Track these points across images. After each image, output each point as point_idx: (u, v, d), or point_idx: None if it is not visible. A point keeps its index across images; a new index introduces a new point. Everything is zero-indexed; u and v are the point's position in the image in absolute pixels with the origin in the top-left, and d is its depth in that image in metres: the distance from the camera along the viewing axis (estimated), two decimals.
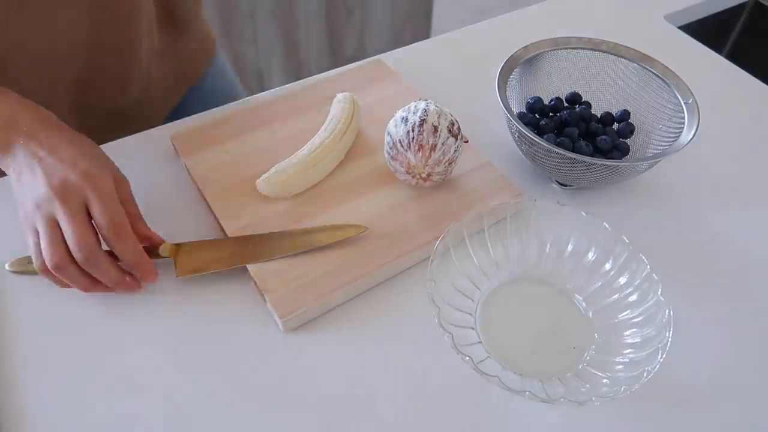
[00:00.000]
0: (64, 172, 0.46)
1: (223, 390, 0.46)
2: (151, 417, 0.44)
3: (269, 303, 0.49)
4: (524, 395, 0.41)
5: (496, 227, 0.53)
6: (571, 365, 0.47)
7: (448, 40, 0.80)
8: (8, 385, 0.46)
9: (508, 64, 0.60)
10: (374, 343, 0.49)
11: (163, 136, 0.63)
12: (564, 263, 0.52)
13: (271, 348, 0.48)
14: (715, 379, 0.47)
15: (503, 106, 0.56)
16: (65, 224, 0.45)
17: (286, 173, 0.55)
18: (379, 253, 0.52)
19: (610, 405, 0.45)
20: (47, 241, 0.45)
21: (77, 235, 0.45)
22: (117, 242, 0.47)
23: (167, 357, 0.47)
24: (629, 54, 0.62)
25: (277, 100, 0.66)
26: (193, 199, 0.58)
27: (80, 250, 0.45)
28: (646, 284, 0.48)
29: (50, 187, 0.45)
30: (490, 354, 0.47)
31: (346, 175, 0.58)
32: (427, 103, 0.55)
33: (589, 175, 0.55)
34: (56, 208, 0.45)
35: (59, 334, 0.49)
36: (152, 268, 0.49)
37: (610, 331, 0.48)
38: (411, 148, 0.53)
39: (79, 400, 0.45)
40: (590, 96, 0.65)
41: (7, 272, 0.52)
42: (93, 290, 0.48)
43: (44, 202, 0.46)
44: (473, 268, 0.52)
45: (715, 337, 0.50)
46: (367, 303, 0.51)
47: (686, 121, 0.56)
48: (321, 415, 0.45)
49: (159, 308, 0.50)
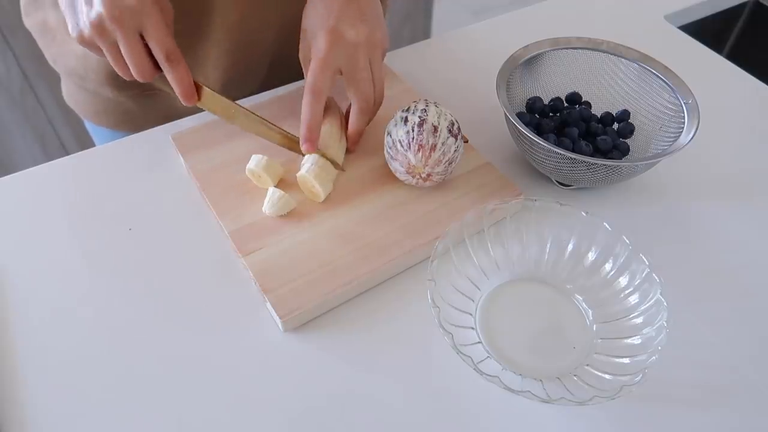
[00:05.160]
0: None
1: (223, 390, 0.46)
2: (150, 416, 0.44)
3: (269, 303, 0.49)
4: (524, 395, 0.41)
5: (496, 227, 0.53)
6: (571, 365, 0.47)
7: (448, 40, 0.80)
8: (8, 385, 0.46)
9: (508, 64, 0.60)
10: (374, 343, 0.49)
11: (163, 136, 0.63)
12: (564, 263, 0.52)
13: (271, 348, 0.48)
14: (715, 379, 0.47)
15: (503, 106, 0.56)
16: (124, 52, 0.50)
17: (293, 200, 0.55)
18: (379, 253, 0.52)
19: (610, 405, 0.45)
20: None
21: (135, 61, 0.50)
22: (173, 67, 0.52)
23: (167, 357, 0.48)
24: (629, 54, 0.62)
25: (277, 100, 0.66)
26: (193, 199, 0.58)
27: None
28: (646, 284, 0.48)
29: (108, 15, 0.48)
30: (490, 354, 0.47)
31: (347, 175, 0.58)
32: (427, 103, 0.55)
33: (589, 175, 0.55)
34: (116, 34, 0.49)
35: (59, 334, 0.49)
36: (194, 91, 0.54)
37: (610, 331, 0.48)
38: (411, 148, 0.53)
39: (80, 401, 0.45)
40: (590, 96, 0.65)
41: (8, 270, 0.52)
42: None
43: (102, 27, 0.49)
44: (473, 268, 0.52)
45: (715, 337, 0.50)
46: (367, 303, 0.51)
47: (686, 121, 0.56)
48: (321, 415, 0.45)
49: (159, 308, 0.50)
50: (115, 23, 0.48)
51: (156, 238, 0.55)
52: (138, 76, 0.52)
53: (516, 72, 0.61)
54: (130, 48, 0.50)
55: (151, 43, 0.50)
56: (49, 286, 0.52)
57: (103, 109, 0.73)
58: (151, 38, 0.50)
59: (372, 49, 0.55)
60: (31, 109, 1.33)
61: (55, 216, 0.57)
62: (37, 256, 0.54)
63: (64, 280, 0.52)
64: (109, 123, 0.75)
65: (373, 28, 0.55)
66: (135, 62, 0.51)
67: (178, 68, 0.52)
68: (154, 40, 0.50)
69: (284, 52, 0.71)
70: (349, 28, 0.53)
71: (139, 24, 0.49)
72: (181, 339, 0.49)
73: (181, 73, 0.53)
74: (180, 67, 0.52)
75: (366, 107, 0.57)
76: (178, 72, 0.52)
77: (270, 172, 0.56)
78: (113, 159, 0.62)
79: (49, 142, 1.41)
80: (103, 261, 0.53)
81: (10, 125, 1.34)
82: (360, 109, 0.57)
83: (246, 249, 0.52)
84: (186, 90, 0.53)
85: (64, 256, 0.54)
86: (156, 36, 0.50)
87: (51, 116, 1.37)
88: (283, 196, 0.54)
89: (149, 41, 0.50)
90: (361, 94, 0.56)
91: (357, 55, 0.54)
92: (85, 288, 0.51)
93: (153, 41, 0.50)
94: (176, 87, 0.53)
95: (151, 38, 0.50)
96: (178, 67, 0.52)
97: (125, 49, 0.50)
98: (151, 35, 0.50)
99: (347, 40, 0.53)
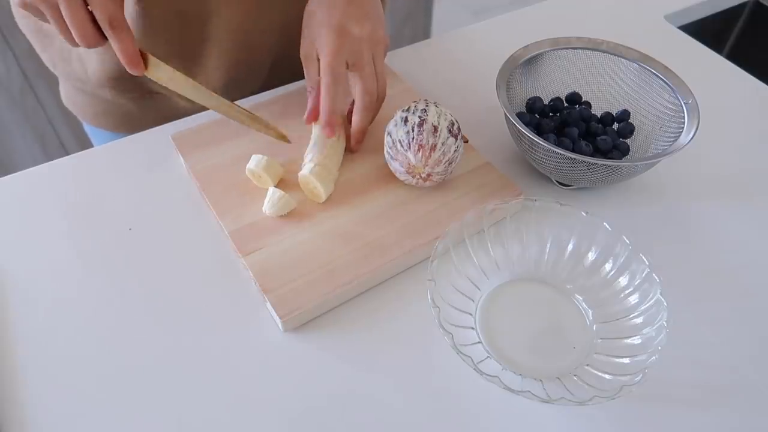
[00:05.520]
0: None
1: (223, 390, 0.46)
2: (150, 416, 0.44)
3: (269, 303, 0.49)
4: (524, 395, 0.41)
5: (496, 227, 0.53)
6: (571, 365, 0.47)
7: (448, 40, 0.80)
8: (8, 385, 0.46)
9: (508, 64, 0.60)
10: (374, 343, 0.49)
11: (163, 136, 0.63)
12: (564, 263, 0.52)
13: (271, 348, 0.48)
14: (715, 379, 0.47)
15: (503, 106, 0.56)
16: (66, 17, 0.48)
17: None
18: (379, 253, 0.52)
19: (610, 405, 0.45)
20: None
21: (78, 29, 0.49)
22: (116, 34, 0.50)
23: (167, 356, 0.48)
24: (629, 54, 0.62)
25: (277, 100, 0.66)
26: (193, 198, 0.58)
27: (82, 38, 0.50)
28: (646, 284, 0.48)
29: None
30: (490, 354, 0.47)
31: (347, 176, 0.58)
32: (426, 103, 0.55)
33: (590, 175, 0.55)
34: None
35: (59, 334, 0.49)
36: (140, 60, 0.52)
37: (610, 331, 0.48)
38: (411, 148, 0.53)
39: (80, 400, 0.45)
40: (590, 96, 0.65)
41: (8, 270, 0.52)
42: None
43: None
44: (473, 268, 0.52)
45: (715, 337, 0.50)
46: (367, 303, 0.51)
47: (686, 121, 0.56)
48: (321, 415, 0.45)
49: (159, 308, 0.50)
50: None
51: (156, 238, 0.55)
52: (81, 42, 0.50)
53: (516, 72, 0.61)
54: (71, 13, 0.48)
55: (93, 8, 0.49)
56: (48, 285, 0.52)
57: (103, 111, 0.73)
58: (94, 3, 0.48)
59: (375, 45, 0.57)
60: (31, 109, 1.33)
61: (55, 216, 0.57)
62: (37, 255, 0.54)
63: (64, 279, 0.52)
64: (109, 125, 0.75)
65: (376, 25, 0.56)
66: (77, 27, 0.49)
67: (121, 35, 0.51)
68: (96, 5, 0.48)
69: (285, 52, 0.71)
70: (354, 25, 0.55)
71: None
72: (181, 339, 0.49)
73: (125, 41, 0.51)
74: (123, 34, 0.51)
75: (370, 103, 0.58)
76: (121, 39, 0.51)
77: (270, 172, 0.56)
78: (113, 159, 0.62)
79: (49, 142, 1.42)
80: (103, 261, 0.53)
81: (10, 125, 1.34)
82: (364, 105, 0.57)
83: (246, 249, 0.52)
84: (131, 58, 0.52)
85: (64, 255, 0.54)
86: (98, 2, 0.48)
87: (51, 116, 1.37)
88: (283, 196, 0.54)
89: (92, 6, 0.49)
90: (365, 89, 0.57)
91: (362, 50, 0.55)
92: (84, 288, 0.51)
93: (95, 6, 0.49)
94: (120, 55, 0.52)
95: (93, 3, 0.48)
96: (120, 34, 0.50)
97: (66, 12, 0.48)
98: (93, 1, 0.48)
99: (353, 35, 0.54)
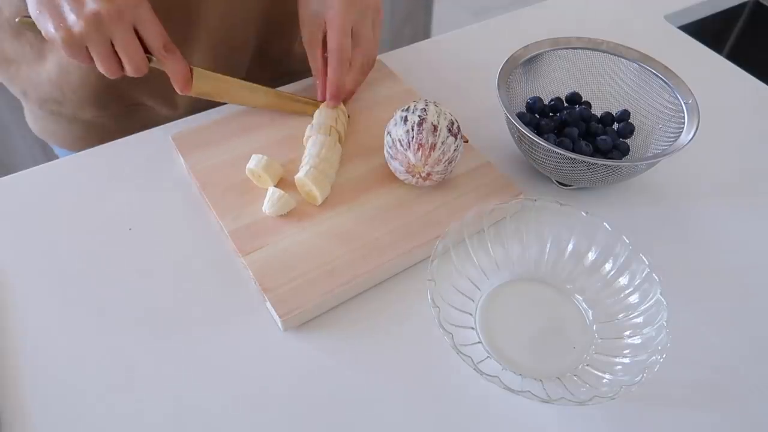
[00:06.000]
0: None
1: (223, 389, 0.46)
2: (150, 416, 0.44)
3: (269, 302, 0.49)
4: (524, 395, 0.41)
5: (496, 227, 0.53)
6: (571, 365, 0.47)
7: (448, 40, 0.80)
8: (8, 385, 0.46)
9: (508, 64, 0.60)
10: (374, 343, 0.49)
11: (163, 136, 0.63)
12: (564, 263, 0.52)
13: (270, 347, 0.48)
14: (715, 379, 0.47)
15: (503, 106, 0.56)
16: (120, 48, 0.50)
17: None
18: (379, 253, 0.52)
19: (610, 405, 0.45)
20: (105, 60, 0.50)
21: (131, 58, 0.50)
22: (171, 56, 0.53)
23: (167, 356, 0.48)
24: (629, 54, 0.62)
25: None
26: (193, 199, 0.58)
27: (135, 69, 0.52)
28: (646, 284, 0.48)
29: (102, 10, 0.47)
30: (490, 354, 0.47)
31: (346, 175, 0.58)
32: (426, 103, 0.55)
33: (590, 175, 0.55)
34: (111, 31, 0.48)
35: (59, 334, 0.49)
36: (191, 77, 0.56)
37: (610, 331, 0.48)
38: (411, 147, 0.53)
39: (80, 401, 0.45)
40: (590, 96, 0.65)
41: (8, 271, 0.52)
42: None
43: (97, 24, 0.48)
44: (473, 268, 0.52)
45: (715, 337, 0.50)
46: (367, 303, 0.51)
47: (686, 121, 0.56)
48: (320, 415, 0.45)
49: (158, 308, 0.50)
50: (114, 17, 0.47)
51: (156, 238, 0.55)
52: (133, 71, 0.52)
53: (516, 72, 0.61)
54: (126, 43, 0.49)
55: (147, 36, 0.50)
56: (49, 285, 0.52)
57: (82, 135, 0.71)
58: (148, 31, 0.50)
59: (375, 13, 0.61)
60: None
61: (55, 216, 0.57)
62: (37, 256, 0.54)
63: (64, 279, 0.52)
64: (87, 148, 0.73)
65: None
66: (131, 56, 0.50)
67: (177, 57, 0.53)
68: (150, 32, 0.50)
69: (263, 49, 0.73)
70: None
71: (136, 17, 0.49)
72: (181, 339, 0.49)
73: (181, 62, 0.54)
74: (177, 55, 0.53)
75: (366, 64, 0.63)
76: (177, 61, 0.53)
77: (270, 171, 0.56)
78: (113, 159, 0.62)
79: None
80: (103, 261, 0.53)
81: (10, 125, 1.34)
82: (360, 65, 0.62)
83: (246, 248, 0.52)
84: (185, 78, 0.55)
85: (64, 256, 0.54)
86: (153, 28, 0.50)
87: None
88: (282, 195, 0.54)
89: (145, 33, 0.50)
90: (365, 51, 0.61)
91: (366, 15, 0.60)
92: (84, 287, 0.51)
93: (150, 33, 0.50)
94: (175, 77, 0.54)
95: (147, 30, 0.50)
96: (175, 56, 0.53)
97: (122, 44, 0.49)
98: (147, 28, 0.50)
99: (360, 4, 0.59)
